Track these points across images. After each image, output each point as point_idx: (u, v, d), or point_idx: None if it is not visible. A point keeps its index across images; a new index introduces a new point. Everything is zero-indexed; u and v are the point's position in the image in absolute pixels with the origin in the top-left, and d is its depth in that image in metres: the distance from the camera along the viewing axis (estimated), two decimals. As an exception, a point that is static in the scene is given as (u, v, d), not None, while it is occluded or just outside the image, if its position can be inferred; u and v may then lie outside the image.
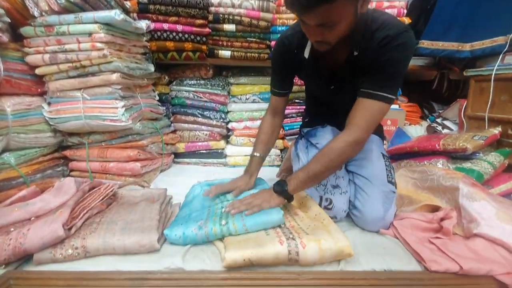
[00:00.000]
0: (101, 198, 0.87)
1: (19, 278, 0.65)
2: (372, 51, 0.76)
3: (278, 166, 1.60)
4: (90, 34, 1.04)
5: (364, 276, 0.66)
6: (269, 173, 1.40)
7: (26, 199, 0.92)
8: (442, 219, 0.83)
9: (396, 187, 0.93)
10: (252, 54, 1.49)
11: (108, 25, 1.06)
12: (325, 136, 1.04)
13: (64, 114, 1.12)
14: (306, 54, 0.86)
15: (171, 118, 1.65)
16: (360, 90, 0.79)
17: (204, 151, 1.65)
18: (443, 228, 0.79)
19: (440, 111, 1.71)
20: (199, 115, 1.62)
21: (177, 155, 1.67)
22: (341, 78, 0.89)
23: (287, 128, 1.65)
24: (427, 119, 1.79)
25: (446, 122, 1.61)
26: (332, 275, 0.66)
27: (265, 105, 1.63)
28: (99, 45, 1.04)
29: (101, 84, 1.11)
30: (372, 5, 1.51)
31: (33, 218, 0.80)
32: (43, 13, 1.03)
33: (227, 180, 1.14)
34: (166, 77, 1.62)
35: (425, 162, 1.13)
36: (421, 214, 0.87)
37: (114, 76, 1.09)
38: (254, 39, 1.47)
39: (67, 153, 1.22)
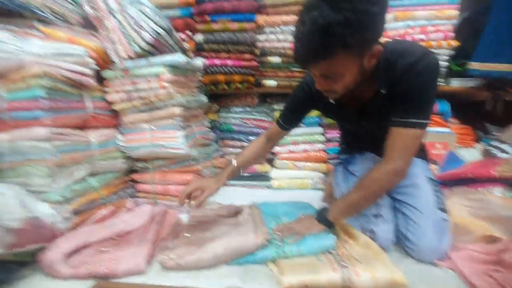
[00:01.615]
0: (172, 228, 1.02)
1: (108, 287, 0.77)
2: (395, 81, 0.77)
3: (321, 189, 1.63)
4: (158, 75, 1.21)
5: (420, 307, 0.66)
6: (312, 196, 1.44)
7: (106, 218, 1.08)
8: (501, 251, 0.80)
9: (447, 214, 0.91)
10: (297, 83, 1.58)
11: (173, 67, 1.23)
12: (364, 163, 1.04)
13: (135, 143, 1.29)
14: (332, 99, 0.88)
15: (219, 143, 1.78)
16: (391, 120, 0.80)
17: (249, 174, 1.74)
18: (503, 261, 0.76)
19: (496, 133, 1.62)
20: (246, 140, 1.73)
21: (224, 177, 1.78)
22: (371, 114, 0.90)
23: (330, 152, 1.69)
24: (481, 142, 1.69)
25: (504, 146, 1.51)
26: (386, 305, 0.68)
27: (309, 130, 1.69)
28: (165, 84, 1.21)
29: (166, 116, 1.27)
30: (416, 30, 1.52)
31: (116, 237, 0.94)
32: (121, 60, 1.24)
33: (277, 203, 1.22)
34: (216, 106, 1.78)
35: (480, 189, 1.09)
36: (479, 245, 0.84)
37: (177, 110, 1.25)
38: (298, 69, 1.57)
39: (135, 176, 1.39)
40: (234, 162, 1.07)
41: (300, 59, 0.70)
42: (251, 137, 1.72)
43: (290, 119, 1.06)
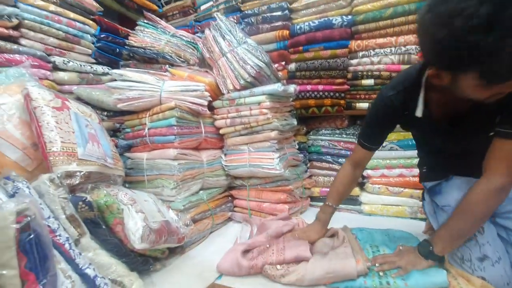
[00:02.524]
0: None
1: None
2: None
3: (421, 219, 1.48)
4: (259, 103, 1.36)
5: None
6: (411, 226, 1.32)
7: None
8: None
9: None
10: (391, 105, 1.52)
11: (272, 95, 1.37)
12: (452, 193, 0.89)
13: (235, 163, 1.46)
14: (419, 113, 0.79)
15: (308, 165, 1.83)
16: (498, 130, 0.70)
17: (338, 197, 1.72)
18: None
19: None
20: (334, 162, 1.73)
21: (312, 198, 1.80)
22: (469, 125, 0.78)
23: (432, 178, 1.53)
24: None
25: None
26: None
27: (404, 153, 1.58)
28: (265, 110, 1.35)
29: (263, 139, 1.41)
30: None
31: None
32: (229, 91, 1.44)
33: (373, 230, 1.18)
34: (304, 128, 1.85)
35: None
36: None
37: (273, 134, 1.37)
38: (393, 91, 1.51)
39: (233, 192, 1.55)
40: (330, 203, 1.07)
41: None
42: (340, 159, 1.71)
43: (376, 138, 1.00)
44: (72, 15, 1.38)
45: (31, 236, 0.62)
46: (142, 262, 0.97)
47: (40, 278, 0.62)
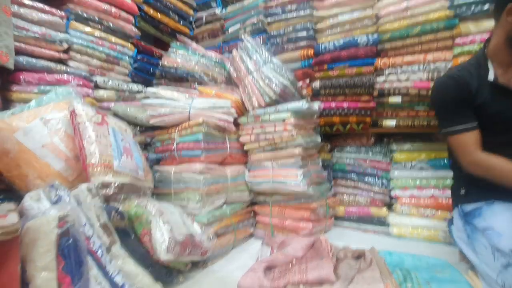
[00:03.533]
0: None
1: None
2: None
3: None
4: (283, 120, 1.38)
5: None
6: (445, 253, 1.23)
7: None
8: None
9: None
10: (421, 122, 1.47)
11: (296, 112, 1.39)
12: (496, 216, 0.82)
13: (259, 178, 1.48)
14: (491, 76, 0.85)
15: (332, 182, 1.79)
16: None
17: (364, 217, 1.66)
18: None
19: None
20: (360, 181, 1.68)
21: (336, 218, 1.75)
22: None
23: (467, 200, 1.43)
24: None
25: None
26: None
27: (435, 173, 1.51)
28: (289, 127, 1.36)
29: (287, 156, 1.41)
30: None
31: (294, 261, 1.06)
32: (254, 108, 1.48)
33: (402, 254, 1.12)
34: (329, 145, 1.83)
35: None
36: None
37: (297, 150, 1.37)
38: (422, 108, 1.47)
39: (256, 208, 1.56)
40: None
41: None
42: (367, 178, 1.66)
43: (472, 113, 0.92)
44: (113, 39, 1.51)
45: (70, 241, 0.67)
46: (166, 273, 1.00)
47: (75, 281, 0.65)
